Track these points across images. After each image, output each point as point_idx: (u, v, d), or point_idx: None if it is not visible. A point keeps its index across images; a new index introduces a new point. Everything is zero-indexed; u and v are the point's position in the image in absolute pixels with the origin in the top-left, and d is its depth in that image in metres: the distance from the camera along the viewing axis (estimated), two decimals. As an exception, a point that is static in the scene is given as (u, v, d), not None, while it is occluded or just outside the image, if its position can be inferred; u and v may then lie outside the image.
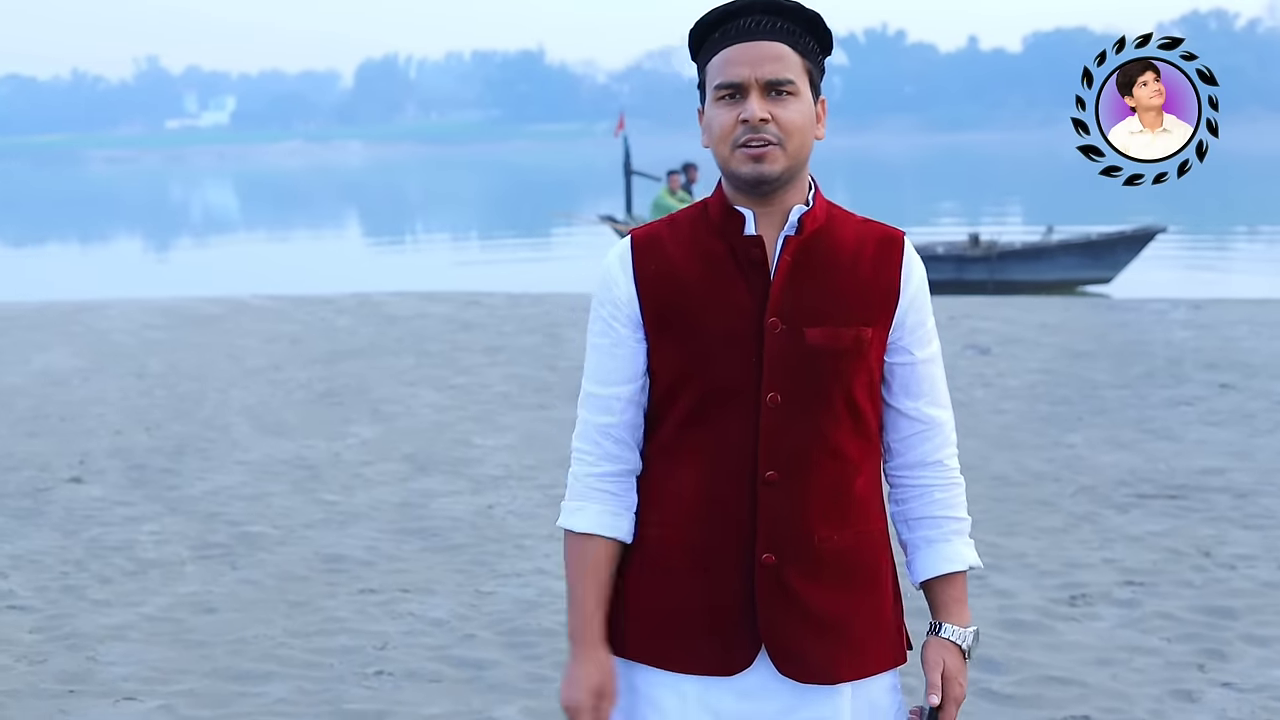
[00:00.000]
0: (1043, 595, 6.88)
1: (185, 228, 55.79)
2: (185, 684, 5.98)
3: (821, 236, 2.85)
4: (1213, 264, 27.78)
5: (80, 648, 6.44)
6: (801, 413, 2.79)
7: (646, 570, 2.88)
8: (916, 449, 2.93)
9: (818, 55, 2.85)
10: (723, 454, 2.81)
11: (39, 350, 16.26)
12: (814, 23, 2.83)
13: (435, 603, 6.95)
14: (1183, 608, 6.65)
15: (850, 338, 2.80)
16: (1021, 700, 5.64)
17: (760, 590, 2.80)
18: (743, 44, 2.77)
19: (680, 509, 2.84)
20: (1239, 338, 15.03)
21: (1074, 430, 10.68)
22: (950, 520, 2.94)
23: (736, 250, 2.82)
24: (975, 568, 2.97)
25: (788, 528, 2.80)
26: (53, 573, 7.60)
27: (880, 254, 2.87)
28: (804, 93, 2.79)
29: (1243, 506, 8.38)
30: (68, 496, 9.23)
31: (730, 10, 2.80)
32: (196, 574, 7.54)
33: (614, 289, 2.88)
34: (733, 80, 2.76)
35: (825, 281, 2.82)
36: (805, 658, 2.81)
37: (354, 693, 5.86)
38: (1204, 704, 5.56)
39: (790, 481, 2.79)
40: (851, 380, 2.81)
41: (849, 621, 2.84)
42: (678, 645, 2.83)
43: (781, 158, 2.76)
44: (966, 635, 2.91)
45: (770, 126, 2.74)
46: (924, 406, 2.91)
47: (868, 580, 2.88)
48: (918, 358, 2.90)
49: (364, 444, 10.69)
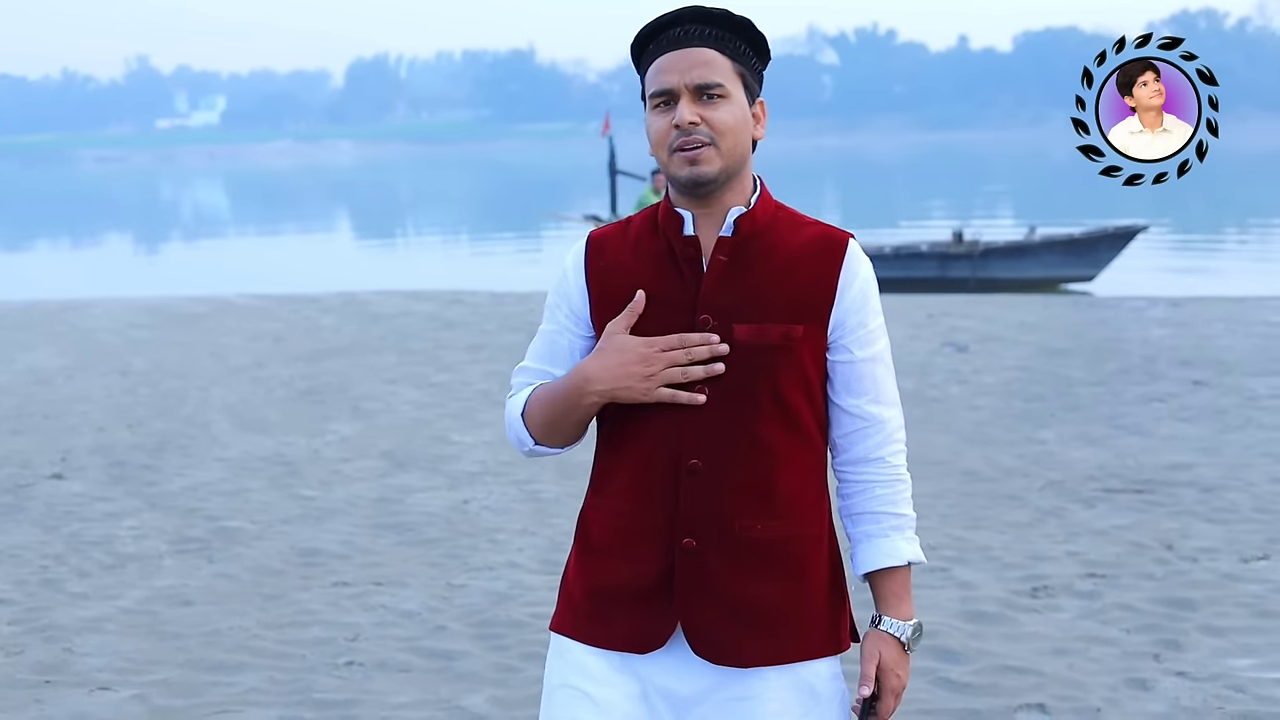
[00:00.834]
0: (1005, 587, 6.99)
1: (175, 227, 55.80)
2: (159, 674, 6.08)
3: (759, 237, 2.94)
4: (1198, 262, 27.92)
5: (57, 639, 6.54)
6: (727, 406, 2.88)
7: (584, 551, 3.02)
8: (859, 445, 3.00)
9: (751, 59, 2.94)
10: (653, 443, 2.91)
11: (23, 349, 16.35)
12: (744, 28, 2.92)
13: (407, 595, 7.06)
14: (1142, 599, 6.76)
15: (778, 335, 2.89)
16: (978, 689, 5.75)
17: (679, 573, 2.90)
18: (673, 52, 2.89)
19: (614, 494, 2.96)
20: (1215, 335, 15.15)
21: (1046, 426, 10.80)
22: (891, 516, 3.01)
23: (675, 250, 2.94)
24: (916, 563, 3.03)
25: (709, 515, 2.89)
26: (32, 567, 7.69)
27: (821, 256, 2.95)
28: (735, 95, 2.89)
29: (1208, 501, 8.49)
30: (49, 492, 9.32)
31: (662, 22, 2.91)
32: (174, 568, 7.65)
33: (566, 284, 3.03)
34: (664, 87, 2.88)
35: (758, 280, 2.91)
36: (719, 641, 2.90)
37: (324, 682, 5.96)
38: (1157, 692, 5.67)
39: (713, 471, 2.89)
40: (780, 376, 2.90)
41: (766, 608, 2.92)
42: (603, 621, 2.95)
43: (716, 158, 2.86)
44: (906, 628, 2.99)
45: (701, 128, 2.84)
46: (865, 404, 2.99)
47: (794, 570, 2.95)
48: (858, 356, 2.96)
49: (343, 441, 10.80)
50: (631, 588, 2.94)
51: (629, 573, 2.94)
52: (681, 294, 2.92)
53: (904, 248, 23.55)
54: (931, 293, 21.04)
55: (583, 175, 75.12)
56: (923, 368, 13.65)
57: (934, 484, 9.07)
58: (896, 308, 18.06)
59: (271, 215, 60.87)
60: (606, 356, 2.88)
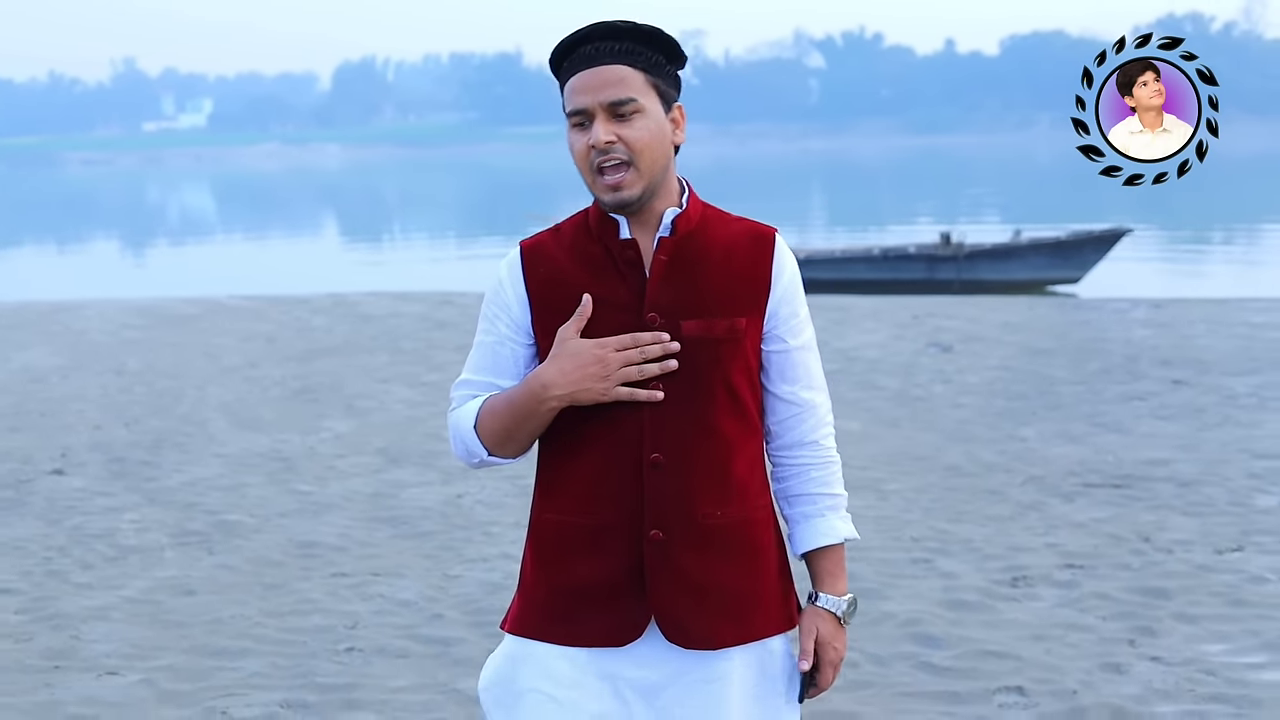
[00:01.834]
0: (985, 577, 7.19)
1: (162, 230, 55.74)
2: (164, 660, 6.26)
3: (695, 236, 3.04)
4: (1182, 265, 28.14)
5: (64, 627, 6.72)
6: (683, 399, 2.99)
7: (543, 555, 3.10)
8: (794, 430, 3.12)
9: (664, 67, 3.01)
10: (613, 442, 3.00)
11: (18, 349, 16.52)
12: (653, 37, 2.99)
13: (404, 585, 7.25)
14: (1119, 588, 6.96)
15: (724, 328, 3.00)
16: (959, 673, 5.94)
17: (650, 565, 3.00)
18: (585, 71, 2.95)
19: (576, 495, 3.04)
20: (1196, 336, 15.37)
21: (1027, 424, 11.00)
22: (826, 497, 3.15)
23: (614, 253, 3.03)
24: (851, 540, 3.16)
25: (673, 506, 2.99)
26: (36, 558, 7.87)
27: (752, 250, 3.07)
28: (649, 108, 2.96)
29: (1185, 495, 8.70)
30: (50, 487, 9.50)
31: (573, 40, 2.99)
32: (175, 559, 7.83)
33: (503, 294, 3.09)
34: (579, 107, 2.95)
35: (699, 277, 3.02)
36: (690, 626, 3.02)
37: (325, 667, 6.15)
38: (1132, 676, 5.86)
39: (674, 463, 2.99)
40: (729, 367, 3.01)
41: (732, 591, 3.05)
42: (573, 621, 3.04)
43: (637, 179, 2.95)
44: (841, 603, 3.13)
45: (618, 146, 2.93)
46: (799, 390, 3.10)
47: (750, 552, 3.08)
48: (791, 345, 3.08)
49: (338, 438, 10.98)
50: (602, 584, 3.02)
51: (598, 570, 3.02)
52: (626, 296, 3.00)
53: (892, 250, 23.73)
54: (919, 294, 21.25)
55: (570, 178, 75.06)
56: (908, 367, 13.85)
57: (917, 479, 9.27)
58: (883, 309, 18.30)
59: (259, 218, 60.90)
60: (562, 361, 2.95)
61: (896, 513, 8.45)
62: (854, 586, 6.80)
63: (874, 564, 7.40)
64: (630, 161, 2.94)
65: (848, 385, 13.00)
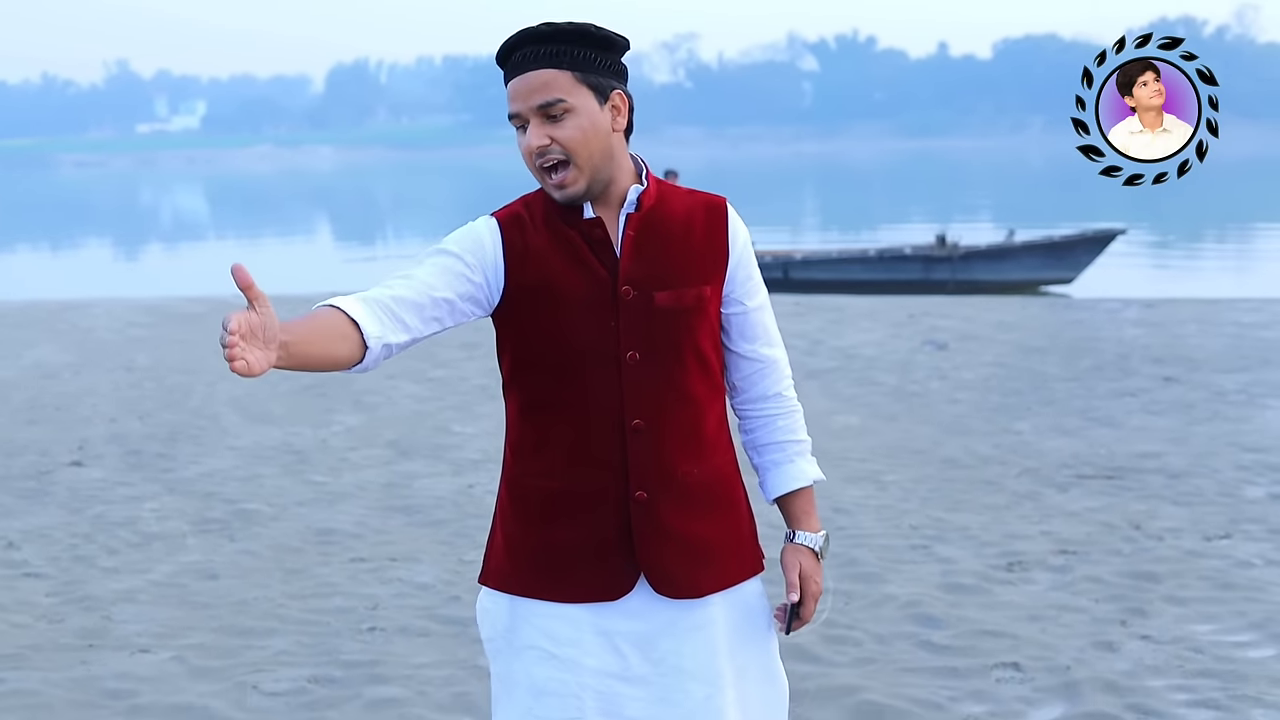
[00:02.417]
0: (983, 562, 7.45)
1: (157, 231, 55.96)
2: (194, 639, 6.51)
3: (657, 210, 3.20)
4: (1172, 266, 28.42)
5: (95, 609, 6.96)
6: (657, 366, 3.17)
7: (525, 518, 3.24)
8: (758, 385, 3.34)
9: (595, 61, 3.09)
10: (593, 408, 3.16)
11: (27, 346, 16.78)
12: (580, 35, 3.09)
13: (421, 569, 7.50)
14: (1111, 573, 7.21)
15: (693, 296, 3.17)
16: (957, 650, 6.20)
17: (636, 523, 3.18)
18: (516, 78, 3.09)
19: (559, 458, 3.20)
20: (1187, 334, 15.66)
21: (1022, 419, 11.28)
22: (793, 443, 3.38)
23: (584, 232, 3.15)
24: (819, 481, 3.39)
25: (655, 467, 3.18)
26: (62, 545, 8.12)
27: (709, 220, 3.25)
28: (580, 104, 3.07)
29: (1174, 486, 8.96)
30: (70, 478, 9.75)
31: (506, 48, 3.13)
32: (197, 546, 8.08)
33: (480, 249, 3.14)
34: (513, 112, 3.10)
35: (666, 249, 3.18)
36: (677, 577, 3.20)
37: (350, 645, 6.40)
38: (1123, 653, 6.12)
39: (653, 427, 3.17)
40: (698, 333, 3.20)
41: (712, 542, 3.25)
42: (567, 579, 3.20)
43: (578, 176, 3.09)
44: (817, 539, 3.36)
45: (553, 148, 3.07)
46: (760, 348, 3.31)
47: (725, 505, 3.29)
48: (749, 306, 3.28)
49: (348, 431, 11.24)
50: (591, 544, 3.19)
51: (587, 531, 3.19)
52: (600, 271, 3.14)
53: (888, 251, 23.97)
54: (915, 294, 21.50)
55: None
56: (904, 365, 14.12)
57: (915, 471, 9.53)
58: (879, 309, 18.58)
59: (252, 221, 61.04)
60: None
61: (895, 502, 8.71)
62: (855, 571, 7.17)
63: (875, 550, 7.66)
64: (568, 159, 3.07)
65: (846, 382, 13.26)
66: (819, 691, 5.72)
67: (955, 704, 5.62)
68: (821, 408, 11.86)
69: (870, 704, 5.60)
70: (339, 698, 5.79)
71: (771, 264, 22.92)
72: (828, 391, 12.79)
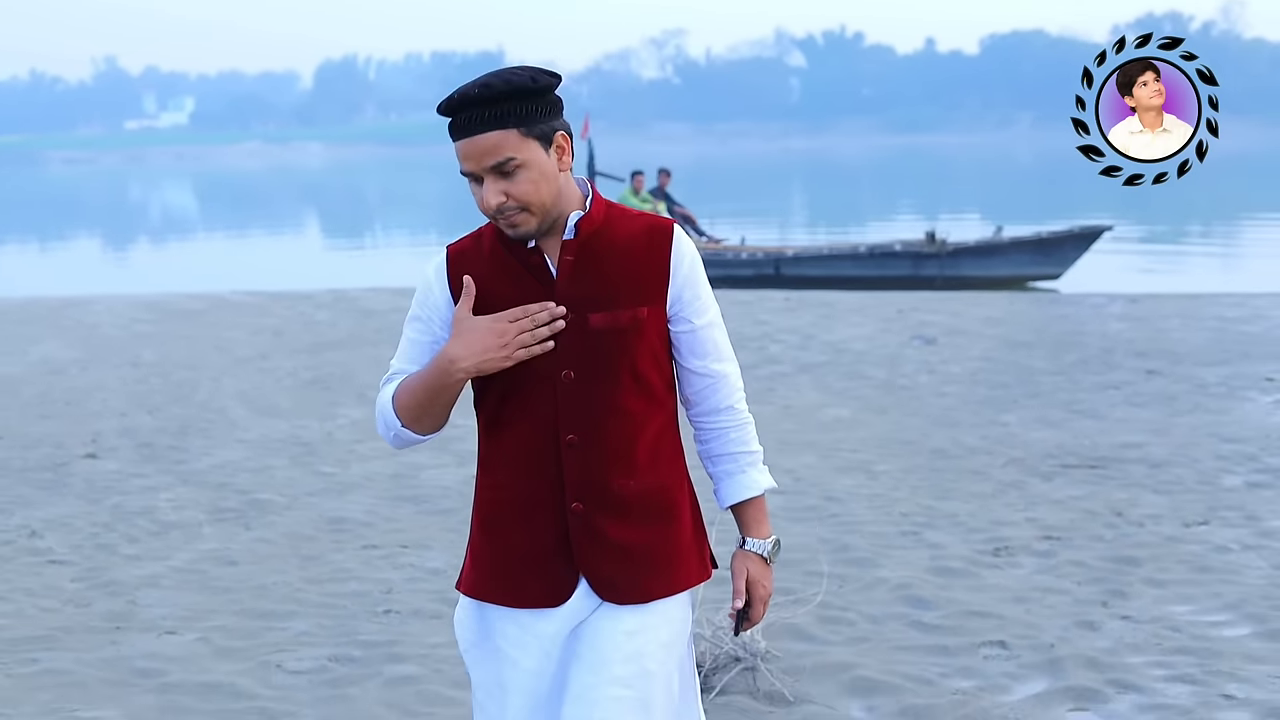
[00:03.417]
0: (970, 547, 7.76)
1: (145, 229, 56.03)
2: (217, 621, 6.81)
3: (599, 235, 3.33)
4: (1156, 261, 28.71)
5: (120, 594, 7.26)
6: (592, 384, 3.31)
7: (484, 524, 3.44)
8: (709, 399, 3.47)
9: (535, 111, 3.21)
10: (532, 422, 3.33)
11: (33, 342, 17.07)
12: (519, 92, 3.19)
13: (432, 555, 7.80)
14: (1093, 557, 7.53)
15: (628, 318, 3.30)
16: (946, 630, 6.51)
17: (574, 533, 3.34)
18: (464, 140, 3.21)
19: (505, 469, 3.39)
20: (1170, 329, 16.00)
21: (1008, 411, 11.60)
22: (744, 455, 3.51)
23: (523, 260, 3.32)
24: (770, 489, 3.54)
25: (589, 480, 3.32)
26: (83, 534, 8.42)
27: (652, 243, 3.36)
28: (530, 156, 3.20)
29: (1156, 475, 9.28)
30: (86, 470, 10.05)
31: (449, 108, 3.22)
32: (214, 534, 8.38)
33: (432, 296, 3.40)
34: (466, 171, 3.23)
35: (602, 273, 3.31)
36: (617, 583, 3.35)
37: (367, 627, 6.70)
38: (1104, 632, 6.43)
39: (586, 442, 3.31)
40: (634, 353, 3.32)
41: (651, 550, 3.38)
42: (513, 584, 3.38)
43: (532, 220, 3.25)
44: (766, 545, 3.51)
45: (509, 204, 3.22)
46: (710, 364, 3.44)
47: (664, 515, 3.41)
48: (697, 325, 3.39)
49: (353, 424, 11.54)
50: (534, 551, 3.36)
51: (530, 538, 3.36)
52: (539, 294, 3.29)
53: (878, 247, 24.23)
54: (903, 290, 21.80)
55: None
56: (893, 359, 14.44)
57: (904, 461, 9.85)
58: (868, 304, 18.88)
59: (242, 217, 61.13)
60: (465, 336, 3.23)
61: (886, 491, 9.03)
62: (848, 557, 7.48)
63: (866, 536, 7.97)
64: (524, 208, 3.21)
65: (836, 375, 13.58)
66: (815, 668, 6.03)
67: (945, 679, 5.92)
68: (813, 400, 12.17)
69: (865, 679, 5.90)
70: (360, 675, 6.09)
71: (763, 260, 23.17)
72: (819, 385, 13.10)
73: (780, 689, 5.76)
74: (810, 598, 6.72)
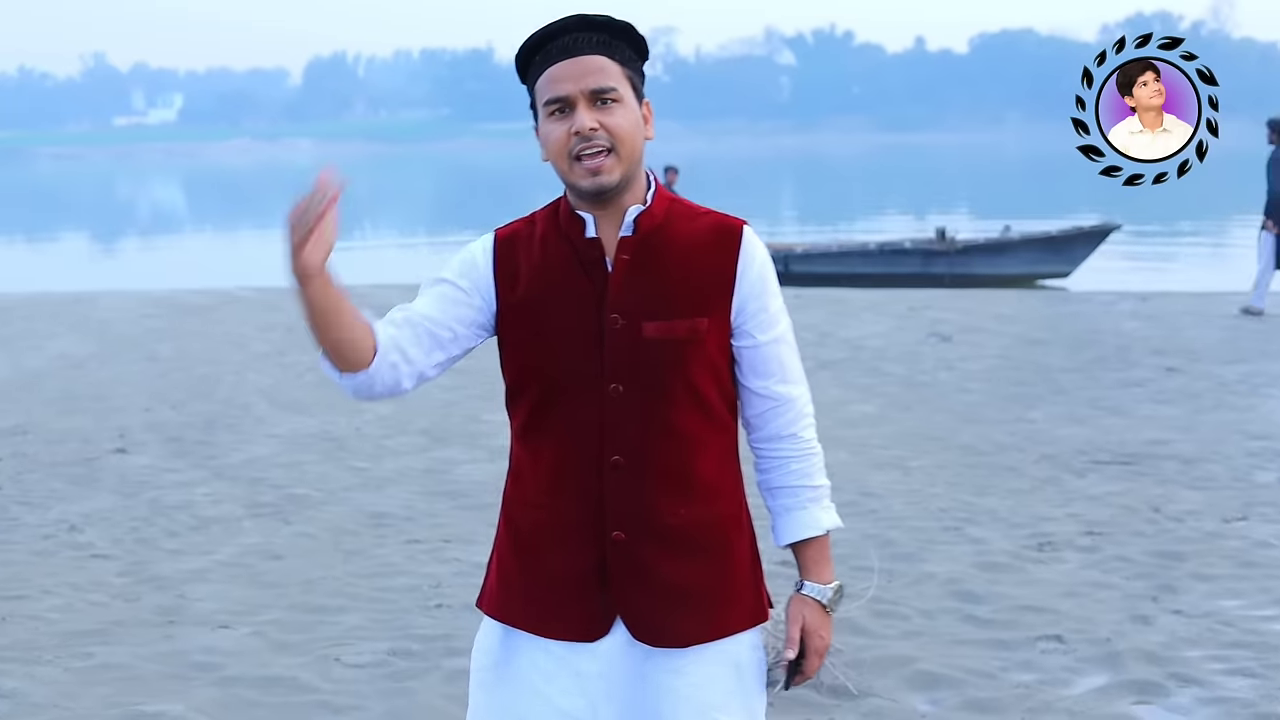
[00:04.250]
0: (1013, 543, 7.79)
1: (136, 225, 55.87)
2: (270, 615, 6.81)
3: (658, 234, 3.05)
4: (1153, 259, 28.77)
5: (168, 588, 7.26)
6: (642, 400, 3.00)
7: (516, 545, 3.15)
8: (771, 424, 3.12)
9: (636, 62, 3.05)
10: (573, 439, 3.03)
11: (48, 338, 17.07)
12: (627, 32, 3.03)
13: (476, 550, 7.79)
14: (1137, 552, 7.56)
15: (685, 329, 3.00)
16: (1001, 624, 6.53)
17: (613, 565, 3.04)
18: (564, 61, 2.97)
19: (539, 488, 3.09)
20: (1183, 327, 16.05)
21: (1034, 408, 11.63)
22: (806, 489, 3.14)
23: (579, 252, 3.04)
24: (835, 529, 3.17)
25: (635, 507, 3.03)
26: (123, 528, 8.41)
27: (718, 245, 3.06)
28: (628, 99, 3.00)
29: (1188, 471, 9.31)
30: (117, 465, 10.04)
31: (549, 32, 3.00)
32: (255, 528, 8.38)
33: (475, 270, 3.11)
34: (560, 95, 2.97)
35: (661, 277, 3.02)
36: (658, 625, 3.05)
37: (420, 620, 6.70)
38: (1158, 626, 6.46)
39: (634, 465, 3.01)
40: (690, 367, 3.01)
41: (700, 590, 3.07)
42: (545, 613, 3.08)
43: (616, 166, 2.97)
44: (826, 591, 3.14)
45: (600, 134, 2.94)
46: (773, 385, 3.09)
47: (718, 550, 3.10)
48: (760, 341, 3.07)
49: (381, 420, 11.53)
50: (569, 578, 3.06)
51: (566, 564, 3.06)
52: (590, 294, 3.02)
53: (888, 244, 24.27)
54: (911, 287, 21.82)
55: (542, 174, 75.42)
56: (912, 355, 14.47)
57: (936, 457, 9.87)
58: (881, 301, 18.93)
59: (232, 213, 61.01)
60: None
61: (922, 487, 9.05)
62: (892, 552, 7.49)
63: (909, 531, 7.99)
64: (612, 148, 2.95)
65: (857, 372, 13.61)
66: (875, 662, 6.05)
67: (1005, 673, 5.95)
68: (836, 397, 12.18)
69: (926, 673, 5.93)
70: (420, 669, 6.10)
71: (772, 257, 23.09)
72: (840, 382, 13.12)
73: (844, 682, 5.77)
74: (862, 592, 6.74)
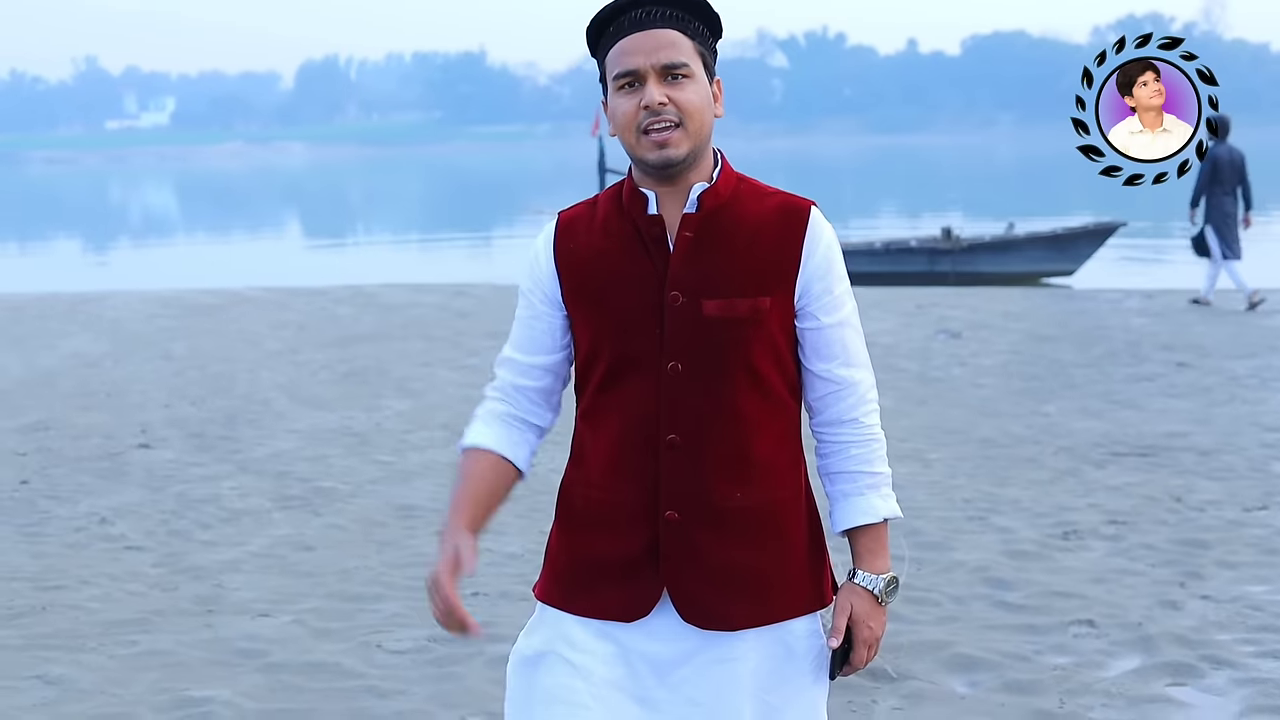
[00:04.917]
0: (1039, 532, 7.87)
1: (128, 229, 55.82)
2: (308, 604, 6.88)
3: (723, 212, 3.03)
4: (1147, 257, 28.86)
5: (204, 578, 7.33)
6: (701, 380, 2.98)
7: (569, 525, 3.16)
8: (833, 408, 3.07)
9: (708, 38, 3.03)
10: (630, 418, 3.02)
11: (61, 337, 17.13)
12: (700, 7, 3.01)
13: (508, 540, 7.88)
14: (1161, 541, 7.65)
15: (747, 308, 2.97)
16: (1033, 609, 6.62)
17: (665, 545, 3.02)
18: (636, 34, 2.94)
19: (596, 468, 3.08)
20: (1190, 323, 16.15)
21: (1048, 402, 11.72)
22: (865, 475, 3.09)
23: (641, 229, 3.02)
24: (893, 518, 3.13)
25: (689, 487, 3.01)
26: (154, 520, 8.49)
27: (783, 225, 3.04)
28: (699, 74, 2.98)
29: (1206, 462, 9.40)
30: (142, 459, 10.11)
31: (621, 5, 2.97)
32: (285, 520, 8.45)
33: (538, 269, 3.12)
34: (630, 68, 2.94)
35: (723, 255, 2.99)
36: (707, 606, 3.02)
37: (459, 609, 6.77)
38: (1187, 611, 6.55)
39: (691, 444, 3.00)
40: (751, 348, 2.99)
41: (753, 573, 3.04)
42: (590, 592, 3.07)
43: (684, 140, 2.95)
44: (878, 581, 3.08)
45: (669, 109, 2.92)
46: (836, 368, 3.04)
47: (773, 533, 3.06)
48: (824, 323, 3.03)
49: (400, 415, 11.61)
50: (617, 560, 3.05)
51: (614, 545, 3.05)
52: (651, 273, 3.00)
53: (894, 243, 24.34)
54: (916, 285, 21.89)
55: (536, 176, 75.96)
56: (922, 352, 14.56)
57: (955, 450, 9.96)
58: (888, 299, 18.99)
59: (224, 217, 60.99)
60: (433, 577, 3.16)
61: (943, 478, 9.13)
62: (920, 540, 7.57)
63: (934, 521, 8.07)
64: (680, 123, 2.93)
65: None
66: (912, 646, 6.13)
67: (1040, 656, 6.03)
68: (850, 392, 12.23)
69: (962, 656, 6.01)
70: (462, 655, 6.17)
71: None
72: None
73: (883, 665, 5.85)
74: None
